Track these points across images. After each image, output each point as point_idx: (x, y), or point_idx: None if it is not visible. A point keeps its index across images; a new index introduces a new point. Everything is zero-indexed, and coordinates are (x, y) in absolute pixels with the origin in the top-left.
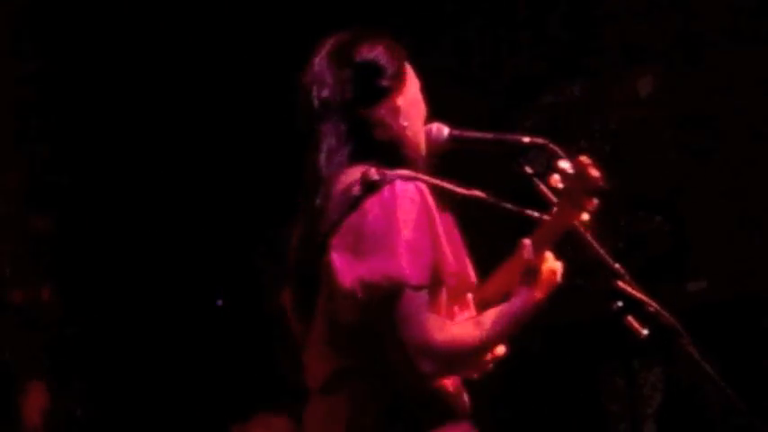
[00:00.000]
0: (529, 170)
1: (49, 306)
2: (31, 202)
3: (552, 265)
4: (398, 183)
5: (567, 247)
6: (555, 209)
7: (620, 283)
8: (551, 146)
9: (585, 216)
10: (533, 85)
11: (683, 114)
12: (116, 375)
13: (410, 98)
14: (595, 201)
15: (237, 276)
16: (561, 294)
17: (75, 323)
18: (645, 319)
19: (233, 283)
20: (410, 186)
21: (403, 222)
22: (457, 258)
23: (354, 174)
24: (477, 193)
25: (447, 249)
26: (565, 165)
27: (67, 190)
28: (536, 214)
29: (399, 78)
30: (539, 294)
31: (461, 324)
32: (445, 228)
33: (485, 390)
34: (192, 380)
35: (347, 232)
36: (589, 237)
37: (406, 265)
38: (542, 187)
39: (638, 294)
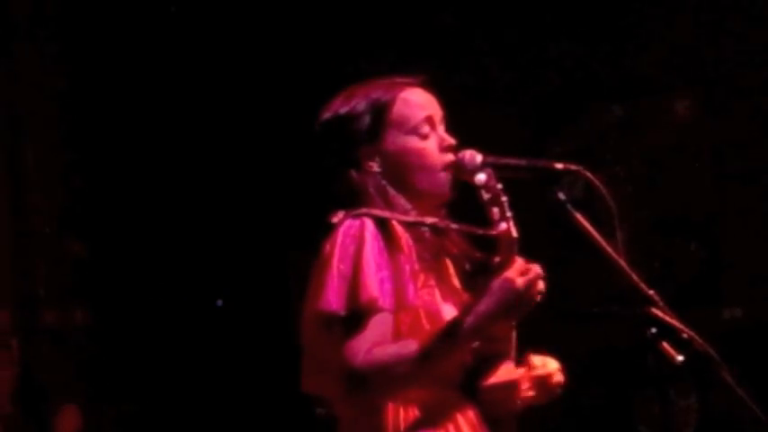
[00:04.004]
0: (562, 197)
1: (82, 328)
2: (66, 226)
3: (510, 273)
4: (347, 221)
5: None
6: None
7: (655, 310)
8: (585, 172)
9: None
10: (570, 109)
11: (721, 140)
12: (147, 396)
13: (394, 150)
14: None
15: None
16: (597, 320)
17: (106, 345)
18: (679, 345)
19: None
20: (355, 223)
21: (339, 257)
22: (420, 291)
23: (339, 215)
24: (430, 220)
25: (403, 281)
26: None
27: (102, 214)
28: (491, 232)
29: (366, 141)
30: (484, 306)
31: (392, 345)
32: (412, 266)
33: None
34: (228, 401)
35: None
36: (623, 262)
37: (332, 295)
38: (575, 214)
39: (673, 321)
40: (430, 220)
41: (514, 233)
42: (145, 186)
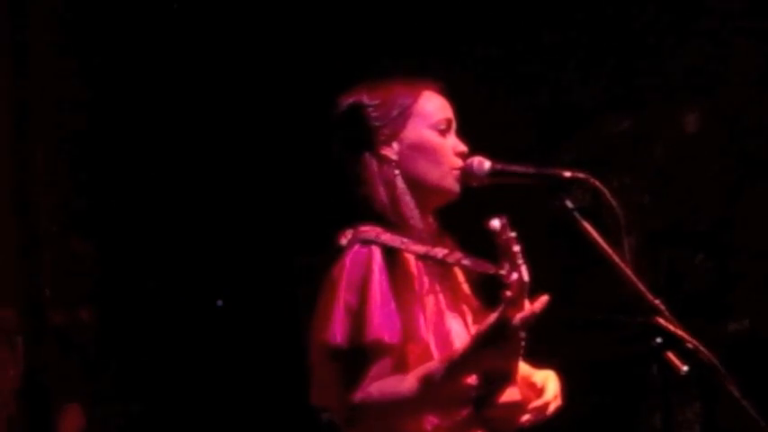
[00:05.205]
0: (570, 205)
1: (88, 328)
2: (73, 224)
3: (515, 320)
4: (356, 247)
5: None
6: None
7: (660, 319)
8: (593, 181)
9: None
10: (579, 118)
11: (729, 151)
12: (152, 396)
13: (413, 140)
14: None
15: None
16: (601, 329)
17: (112, 345)
18: (684, 355)
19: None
20: (363, 251)
21: (346, 287)
22: (429, 319)
23: (347, 236)
24: (438, 251)
25: (413, 313)
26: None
27: (109, 213)
28: (500, 271)
29: (387, 126)
30: (478, 347)
31: (390, 381)
32: (421, 290)
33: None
34: (232, 402)
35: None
36: (629, 272)
37: (338, 328)
38: (582, 222)
39: (678, 331)
40: (441, 253)
41: (526, 278)
42: (152, 186)
